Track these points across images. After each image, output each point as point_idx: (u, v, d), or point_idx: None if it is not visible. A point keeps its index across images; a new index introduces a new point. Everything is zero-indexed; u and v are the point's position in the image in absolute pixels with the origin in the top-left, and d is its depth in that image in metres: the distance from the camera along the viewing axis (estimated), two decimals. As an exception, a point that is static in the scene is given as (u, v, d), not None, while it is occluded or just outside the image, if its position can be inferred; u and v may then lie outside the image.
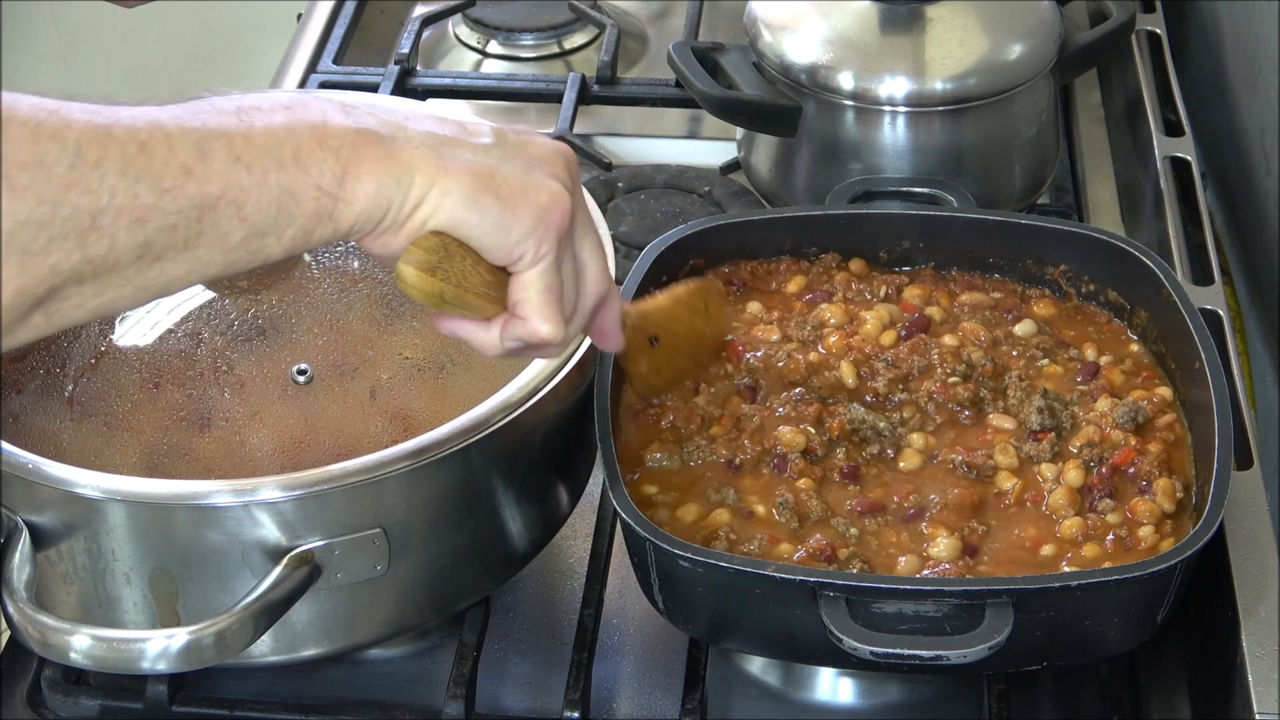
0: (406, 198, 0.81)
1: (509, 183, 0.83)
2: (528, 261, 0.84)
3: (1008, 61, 1.32)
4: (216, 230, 0.75)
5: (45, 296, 0.72)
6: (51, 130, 0.71)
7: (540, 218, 0.83)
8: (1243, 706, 0.95)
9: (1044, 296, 1.17)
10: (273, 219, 0.77)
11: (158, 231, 0.73)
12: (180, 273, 0.76)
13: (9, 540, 0.94)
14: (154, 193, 0.73)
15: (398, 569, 0.97)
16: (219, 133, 0.76)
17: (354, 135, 0.79)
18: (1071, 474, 1.02)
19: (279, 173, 0.77)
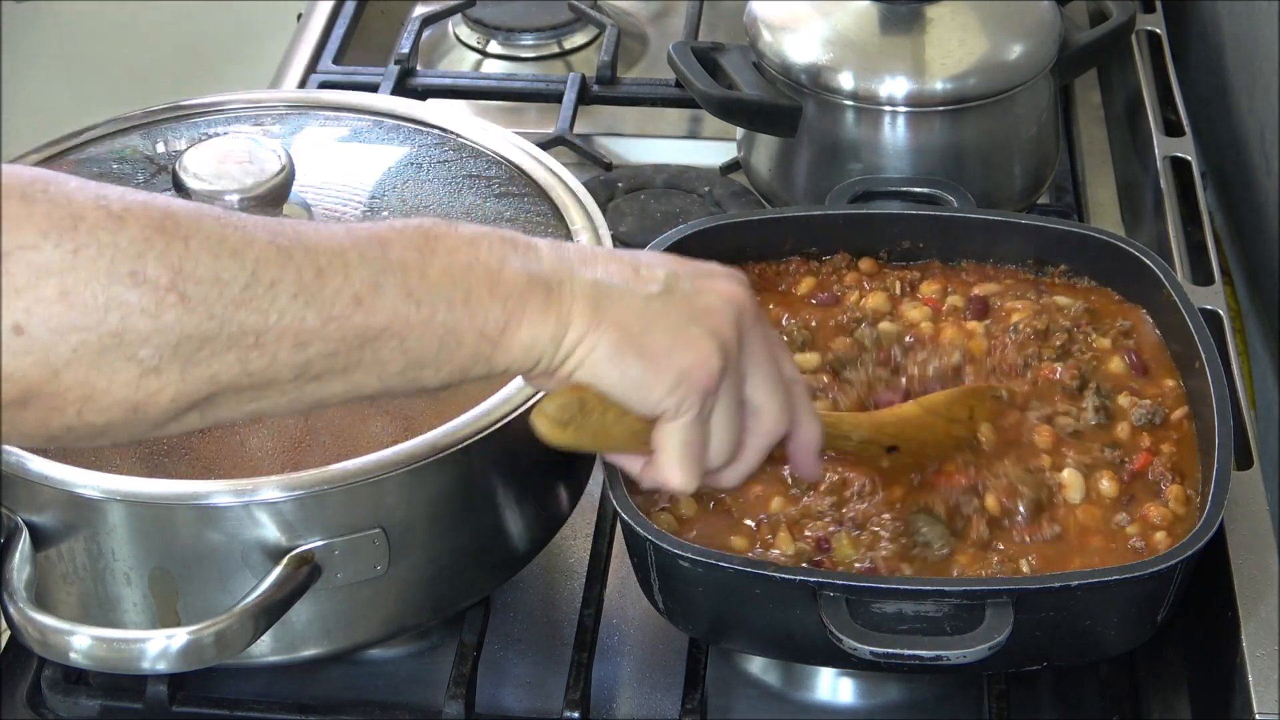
0: (559, 349, 0.82)
1: (658, 340, 0.84)
2: (668, 417, 0.85)
3: (1008, 61, 1.32)
4: (377, 359, 0.78)
5: (204, 401, 0.75)
6: (233, 248, 0.73)
7: (682, 378, 0.84)
8: (1243, 706, 0.95)
9: (1054, 283, 1.17)
10: (433, 354, 0.79)
11: (318, 356, 0.76)
12: (337, 391, 0.79)
13: (9, 540, 0.94)
14: (321, 319, 0.75)
15: (398, 569, 0.97)
16: (397, 265, 0.78)
17: (524, 284, 0.81)
18: (1105, 484, 1.01)
19: (447, 312, 0.79)
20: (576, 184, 1.15)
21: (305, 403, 0.78)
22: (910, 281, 1.16)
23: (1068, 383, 1.07)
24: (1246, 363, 1.44)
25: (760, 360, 0.88)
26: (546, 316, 0.81)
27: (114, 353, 0.71)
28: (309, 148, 1.18)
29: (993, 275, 1.18)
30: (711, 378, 0.84)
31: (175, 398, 0.74)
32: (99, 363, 0.71)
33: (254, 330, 0.74)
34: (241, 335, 0.73)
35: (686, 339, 0.84)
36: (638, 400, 0.84)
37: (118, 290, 0.70)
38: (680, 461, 0.86)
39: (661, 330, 0.84)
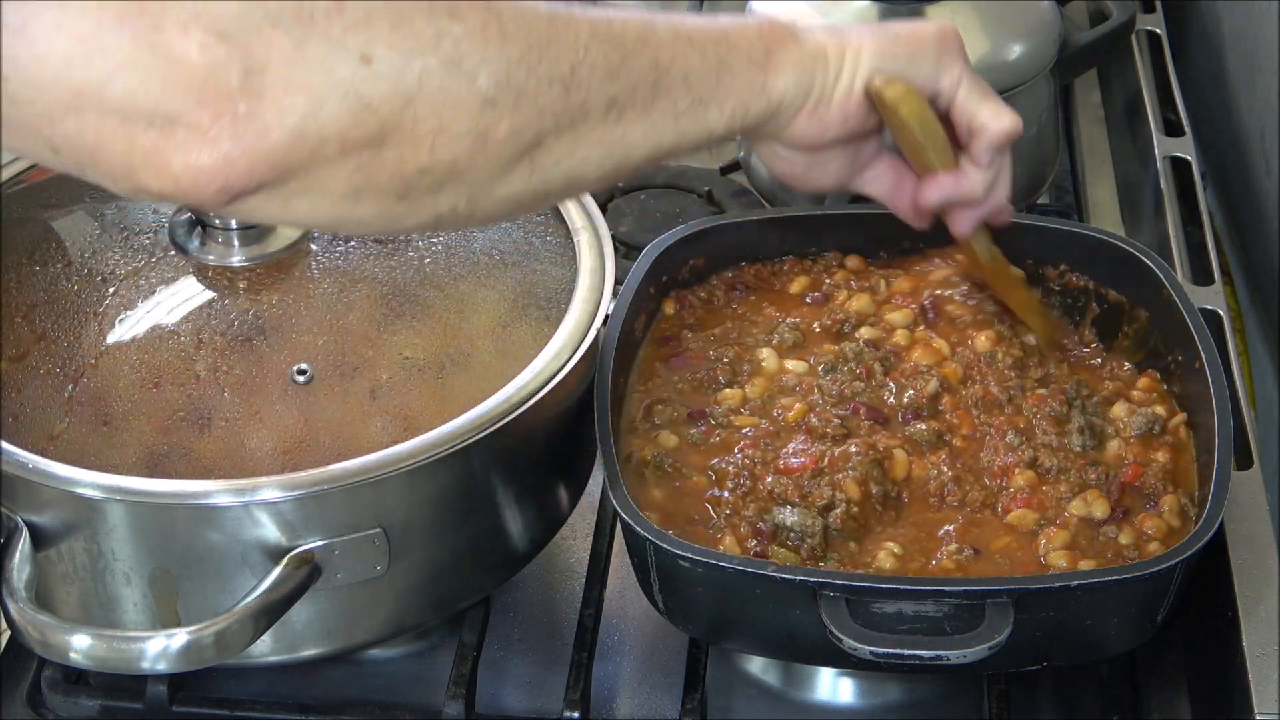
0: (828, 68, 0.93)
1: (900, 32, 0.96)
2: (953, 81, 0.97)
3: (1008, 61, 1.32)
4: (669, 95, 0.85)
5: (533, 142, 0.80)
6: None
7: (940, 43, 0.97)
8: (1243, 706, 0.95)
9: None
10: (712, 88, 0.87)
11: (624, 89, 0.83)
12: (638, 136, 0.85)
13: (9, 540, 0.94)
14: (619, 53, 0.82)
15: (398, 569, 0.97)
16: (660, 16, 0.86)
17: (768, 23, 0.92)
18: (1097, 506, 1.00)
19: (715, 47, 0.88)
20: (577, 184, 1.14)
21: (615, 152, 0.84)
22: (890, 279, 1.16)
23: (1056, 408, 1.06)
24: (1246, 363, 1.44)
25: None
26: (800, 46, 0.91)
27: (455, 78, 0.75)
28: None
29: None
30: (957, 36, 0.98)
31: (510, 132, 0.78)
32: (445, 88, 0.75)
33: (569, 62, 0.80)
34: (559, 67, 0.79)
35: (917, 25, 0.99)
36: (922, 76, 0.96)
37: (443, 23, 0.75)
38: (996, 103, 0.98)
39: (896, 28, 0.97)
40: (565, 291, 1.06)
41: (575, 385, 1.02)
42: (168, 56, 0.69)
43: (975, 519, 1.00)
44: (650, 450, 1.03)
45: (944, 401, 1.06)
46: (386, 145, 0.75)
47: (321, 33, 0.72)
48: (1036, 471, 1.02)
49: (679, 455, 1.03)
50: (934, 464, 1.02)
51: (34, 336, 1.04)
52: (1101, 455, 1.03)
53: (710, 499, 1.01)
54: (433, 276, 1.08)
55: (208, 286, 1.06)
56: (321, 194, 0.75)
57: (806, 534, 0.97)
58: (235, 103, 0.70)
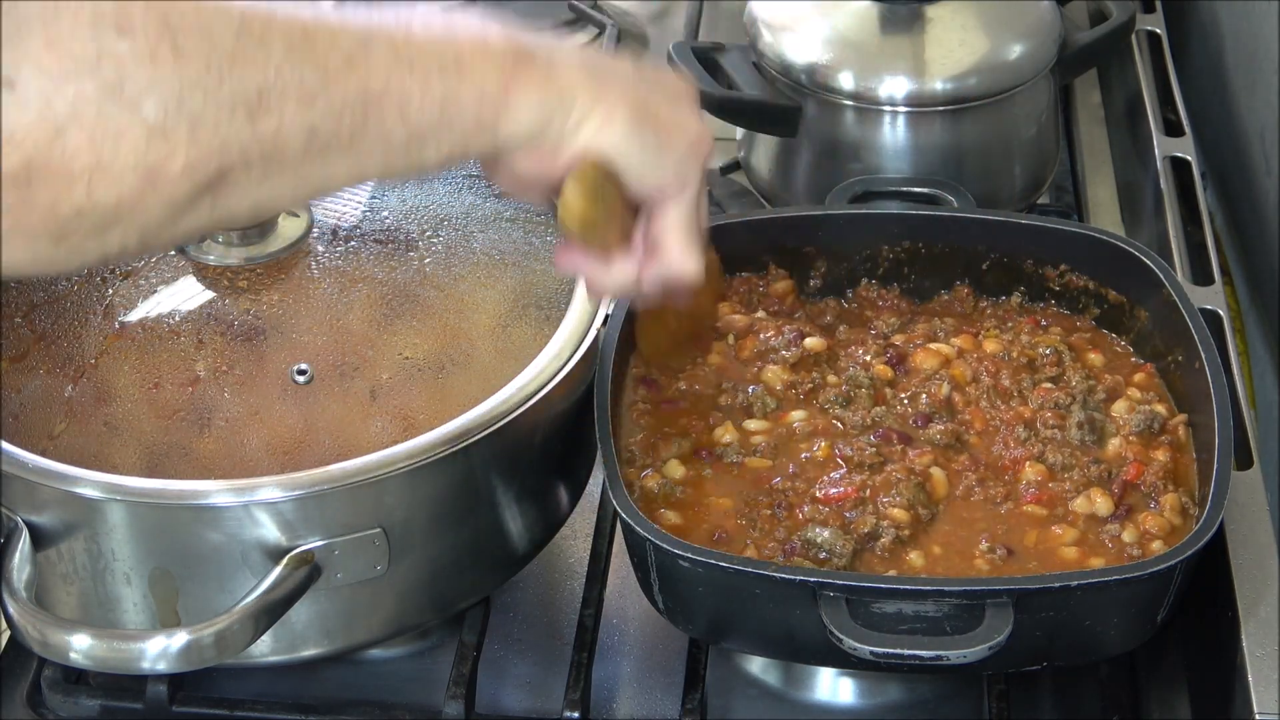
0: (569, 118, 0.82)
1: (663, 114, 0.85)
2: (672, 192, 0.86)
3: (1008, 61, 1.32)
4: (381, 127, 0.75)
5: (216, 177, 0.71)
6: (217, 7, 0.71)
7: (691, 151, 0.86)
8: (1243, 706, 0.95)
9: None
10: (434, 123, 0.77)
11: (324, 117, 0.73)
12: (341, 170, 0.76)
13: (9, 540, 0.94)
14: (319, 78, 0.73)
15: (398, 569, 0.97)
16: (381, 32, 0.76)
17: (514, 50, 0.80)
18: (1100, 502, 1.01)
19: (443, 77, 0.77)
20: (576, 184, 1.14)
21: (311, 186, 0.76)
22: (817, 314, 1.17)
23: (1062, 399, 1.06)
24: (1246, 363, 1.44)
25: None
26: (549, 82, 0.80)
27: (116, 106, 0.67)
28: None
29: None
30: (710, 147, 0.87)
31: (187, 166, 0.69)
32: (102, 118, 0.67)
33: (255, 85, 0.71)
34: (244, 89, 0.70)
35: (683, 114, 0.86)
36: (650, 172, 0.85)
37: (107, 40, 0.67)
38: (688, 239, 0.88)
39: (660, 104, 0.85)
40: (565, 291, 1.06)
41: (575, 385, 1.02)
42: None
43: (1001, 515, 1.00)
44: (655, 480, 1.03)
45: (956, 401, 1.07)
46: (34, 184, 0.67)
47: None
48: (1045, 465, 1.02)
49: (692, 484, 1.03)
50: (959, 466, 1.03)
51: (34, 336, 1.04)
52: (1103, 452, 1.04)
53: (739, 518, 1.01)
54: (433, 276, 1.08)
55: (208, 286, 1.06)
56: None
57: (835, 554, 0.97)
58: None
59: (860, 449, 1.03)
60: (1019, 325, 1.15)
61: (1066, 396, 1.06)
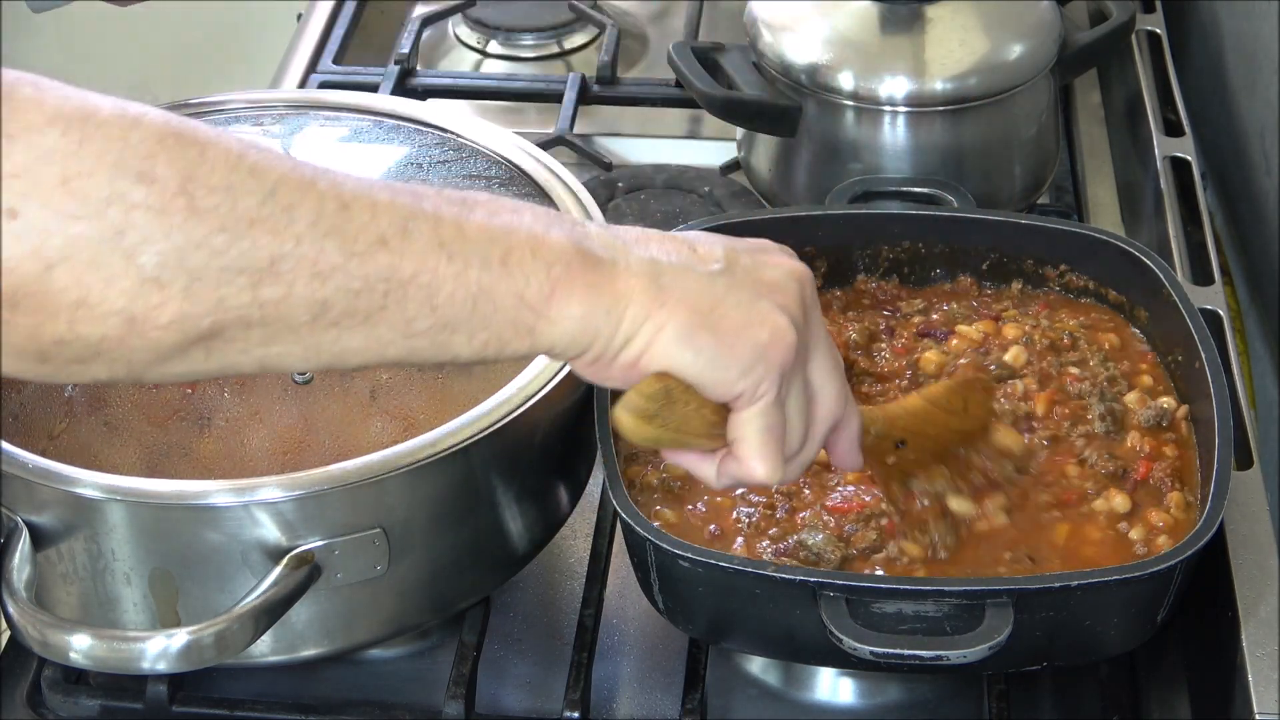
0: (618, 330, 0.77)
1: (729, 318, 0.79)
2: (746, 400, 0.80)
3: (1008, 61, 1.32)
4: (402, 311, 0.72)
5: (209, 332, 0.70)
6: (253, 164, 0.69)
7: (760, 355, 0.79)
8: (1243, 706, 0.95)
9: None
10: (465, 316, 0.74)
11: (338, 293, 0.71)
12: (356, 345, 0.73)
13: (9, 540, 0.94)
14: (342, 253, 0.70)
15: (398, 569, 0.97)
16: (430, 215, 0.73)
17: (571, 253, 0.75)
18: (1118, 501, 1.01)
19: (482, 270, 0.73)
20: (576, 184, 1.15)
21: (323, 355, 0.73)
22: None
23: (1086, 389, 1.07)
24: (1246, 363, 1.44)
25: (821, 341, 0.84)
26: (600, 291, 0.76)
27: (112, 252, 0.66)
28: (309, 148, 1.18)
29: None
30: (788, 353, 0.80)
31: (177, 319, 0.68)
32: (96, 261, 0.66)
33: (269, 253, 0.69)
34: (254, 256, 0.68)
35: (758, 314, 0.79)
36: (715, 382, 0.79)
37: (122, 185, 0.66)
38: (763, 449, 0.81)
39: (731, 307, 0.79)
40: (565, 291, 1.06)
41: (575, 385, 1.02)
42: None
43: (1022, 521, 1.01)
44: (656, 475, 1.03)
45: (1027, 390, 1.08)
46: (20, 309, 0.67)
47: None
48: (1080, 462, 1.03)
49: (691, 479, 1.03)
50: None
51: (34, 336, 1.04)
52: (1120, 447, 1.04)
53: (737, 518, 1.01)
54: (433, 276, 1.08)
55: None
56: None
57: (823, 559, 0.97)
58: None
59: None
60: (1036, 310, 1.15)
61: (1092, 386, 1.07)
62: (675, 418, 0.80)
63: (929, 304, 1.16)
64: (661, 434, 0.81)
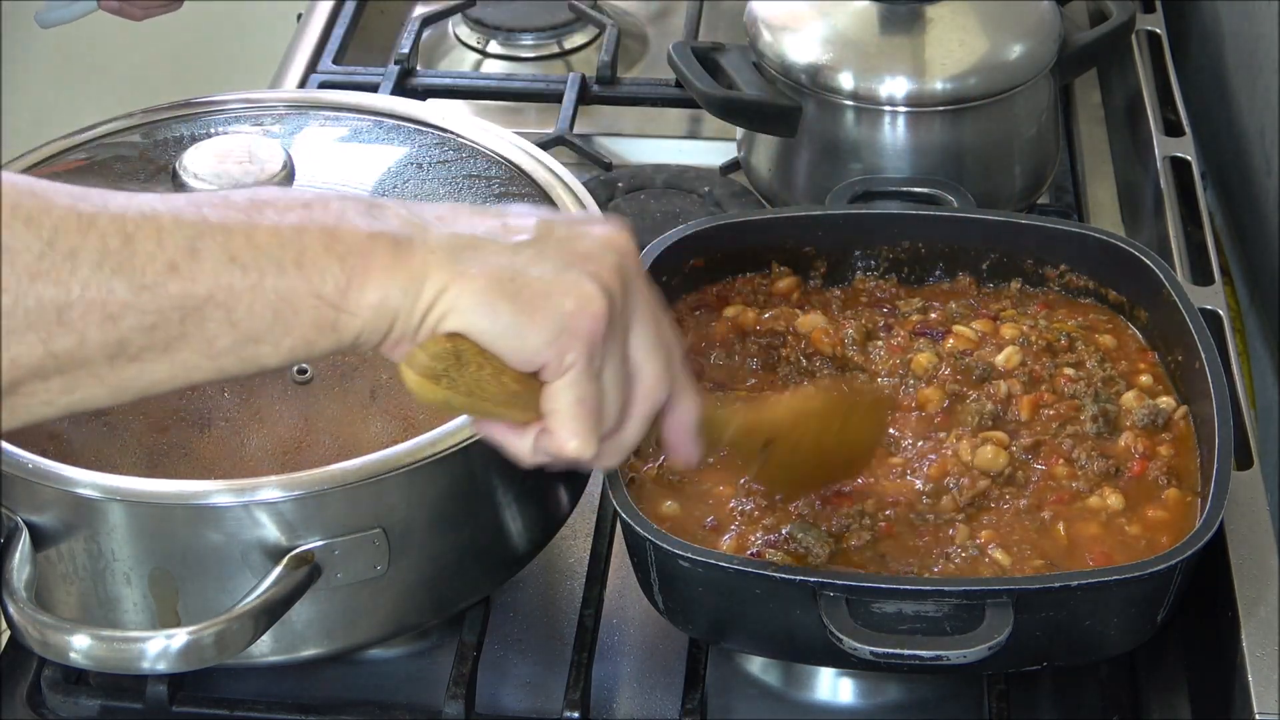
0: (415, 306, 0.74)
1: (531, 286, 0.76)
2: (553, 371, 0.77)
3: (1008, 61, 1.32)
4: (202, 333, 0.71)
5: (7, 389, 0.68)
6: (27, 214, 0.67)
7: (563, 325, 0.76)
8: (1243, 706, 0.95)
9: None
10: (267, 326, 0.72)
11: (133, 330, 0.69)
12: (162, 375, 0.72)
13: (9, 540, 0.94)
14: (131, 289, 0.68)
15: (398, 569, 0.97)
16: (218, 228, 0.71)
17: (365, 240, 0.73)
18: (1112, 498, 1.01)
19: (277, 277, 0.71)
20: (576, 184, 1.15)
21: (129, 390, 0.71)
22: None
23: (1081, 390, 1.07)
24: (1246, 363, 1.44)
25: (643, 315, 0.80)
26: (394, 272, 0.73)
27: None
28: (309, 148, 1.18)
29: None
30: (596, 322, 0.76)
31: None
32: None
33: (54, 304, 0.67)
34: (40, 309, 0.67)
35: (565, 283, 0.76)
36: (515, 349, 0.76)
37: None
38: (574, 422, 0.78)
39: (535, 276, 0.76)
40: (565, 291, 1.06)
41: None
42: None
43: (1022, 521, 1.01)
44: (656, 469, 1.03)
45: (1013, 395, 1.08)
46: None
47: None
48: (1071, 462, 1.03)
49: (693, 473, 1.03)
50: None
51: (34, 336, 1.04)
52: (1114, 446, 1.04)
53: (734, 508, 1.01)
54: (433, 276, 1.08)
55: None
56: None
57: (811, 554, 0.97)
58: None
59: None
60: (1034, 311, 1.15)
61: (1087, 387, 1.07)
62: (466, 380, 0.76)
63: (927, 303, 1.16)
64: (452, 397, 0.77)
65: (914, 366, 1.10)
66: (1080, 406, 1.06)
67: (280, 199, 0.74)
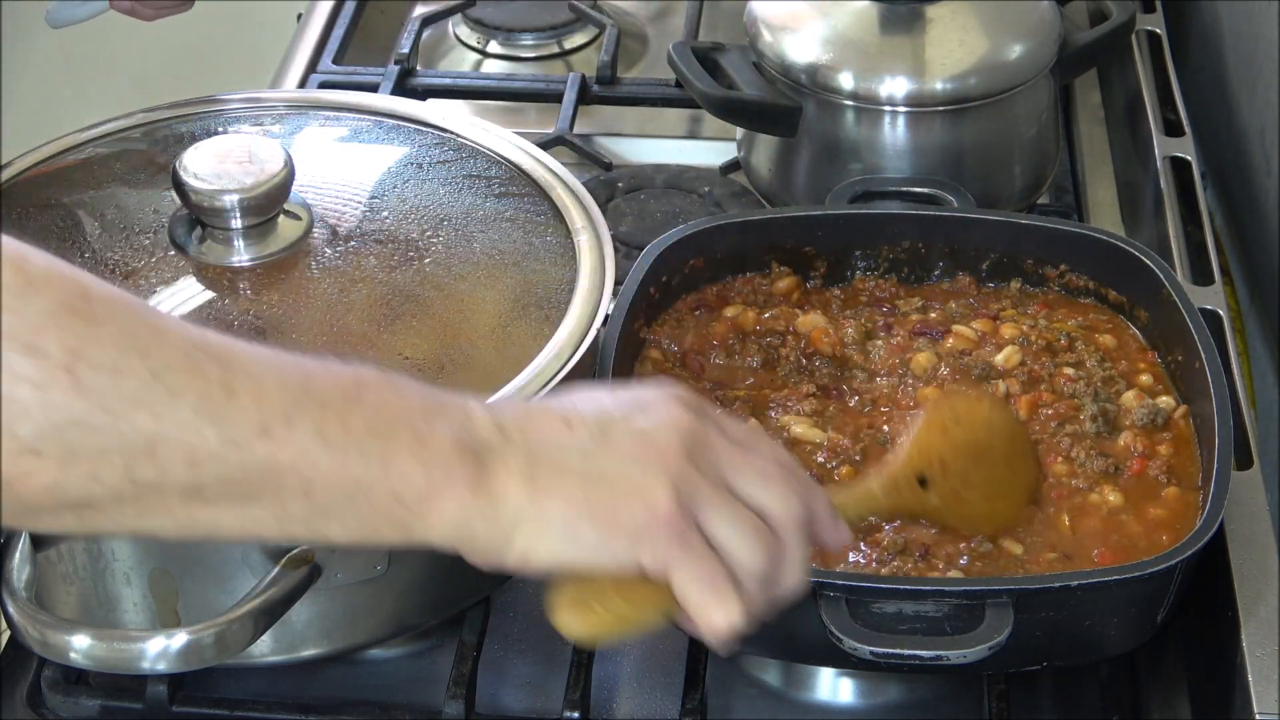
0: (495, 529, 0.76)
1: (602, 498, 0.76)
2: (655, 571, 0.77)
3: (1008, 61, 1.32)
4: (277, 497, 0.73)
5: (81, 502, 0.70)
6: (142, 346, 0.70)
7: (638, 533, 0.77)
8: (1243, 706, 0.95)
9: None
10: (340, 508, 0.74)
11: (213, 478, 0.71)
12: (230, 524, 0.73)
13: (9, 540, 0.93)
14: (221, 441, 0.70)
15: (398, 569, 0.97)
16: (316, 403, 0.73)
17: (450, 452, 0.75)
18: (1112, 497, 1.01)
19: (362, 467, 0.73)
20: (576, 184, 1.15)
21: (196, 530, 0.73)
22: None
23: (1081, 389, 1.07)
24: (1246, 363, 1.44)
25: (734, 461, 0.80)
26: (477, 492, 0.75)
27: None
28: (309, 148, 1.18)
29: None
30: (669, 516, 0.76)
31: (51, 487, 0.69)
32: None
33: (146, 435, 0.69)
34: (132, 438, 0.69)
35: (629, 487, 0.77)
36: (607, 564, 0.77)
37: (11, 358, 0.67)
38: (707, 602, 0.78)
39: (604, 484, 0.77)
40: (565, 291, 1.06)
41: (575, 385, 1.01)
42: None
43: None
44: None
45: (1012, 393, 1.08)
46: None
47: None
48: (1067, 459, 1.03)
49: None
50: None
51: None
52: (1113, 445, 1.04)
53: None
54: (433, 276, 1.08)
55: (208, 286, 1.06)
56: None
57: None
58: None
59: None
60: (1034, 311, 1.15)
61: (1087, 387, 1.07)
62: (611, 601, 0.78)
63: (927, 303, 1.16)
64: (607, 622, 0.78)
65: (913, 366, 1.10)
66: (1080, 406, 1.06)
67: (380, 385, 0.75)
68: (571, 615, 0.78)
